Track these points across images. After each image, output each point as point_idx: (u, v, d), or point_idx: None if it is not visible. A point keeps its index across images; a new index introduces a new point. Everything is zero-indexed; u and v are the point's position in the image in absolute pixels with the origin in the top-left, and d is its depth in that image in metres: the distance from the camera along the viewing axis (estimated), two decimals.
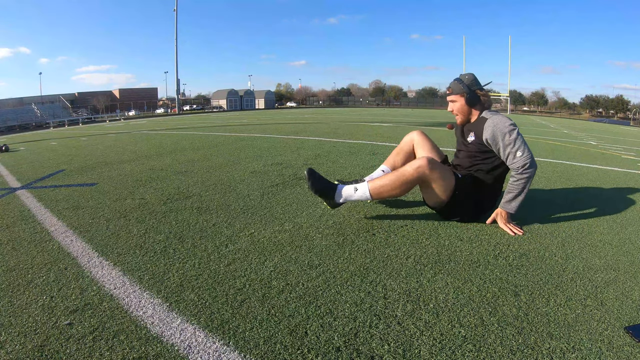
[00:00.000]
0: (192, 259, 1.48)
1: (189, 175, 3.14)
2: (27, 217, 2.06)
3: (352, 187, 1.83)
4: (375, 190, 1.80)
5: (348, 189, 1.83)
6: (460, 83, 1.94)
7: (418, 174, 1.76)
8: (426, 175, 1.76)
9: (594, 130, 14.71)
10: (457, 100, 1.96)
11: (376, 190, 1.80)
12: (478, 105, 1.95)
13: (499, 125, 1.80)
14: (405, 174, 1.77)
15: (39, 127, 27.78)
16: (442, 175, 1.79)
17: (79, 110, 42.89)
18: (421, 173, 1.75)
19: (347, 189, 1.84)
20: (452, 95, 1.98)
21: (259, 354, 0.93)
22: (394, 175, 1.80)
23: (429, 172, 1.75)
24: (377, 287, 1.27)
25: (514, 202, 1.81)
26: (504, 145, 1.79)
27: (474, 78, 1.96)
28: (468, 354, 0.94)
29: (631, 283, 1.32)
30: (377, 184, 1.80)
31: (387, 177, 1.82)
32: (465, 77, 1.95)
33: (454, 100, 1.98)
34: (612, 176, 3.44)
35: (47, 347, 0.95)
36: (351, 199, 1.84)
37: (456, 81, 1.96)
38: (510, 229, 1.80)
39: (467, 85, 1.92)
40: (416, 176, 1.76)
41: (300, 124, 10.78)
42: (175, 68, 47.49)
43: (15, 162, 4.34)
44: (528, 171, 1.75)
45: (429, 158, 1.78)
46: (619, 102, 67.02)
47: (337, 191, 1.83)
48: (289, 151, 4.59)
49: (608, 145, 7.35)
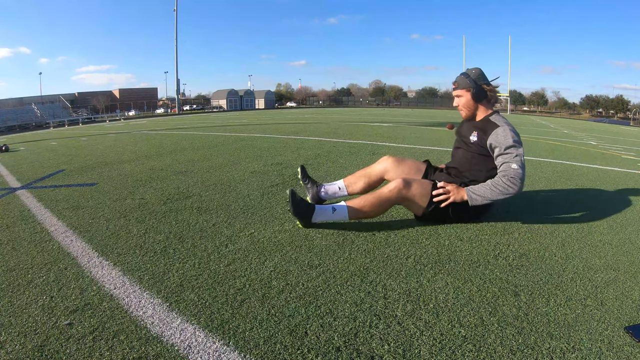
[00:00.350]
0: (192, 259, 1.48)
1: (189, 175, 3.14)
2: (27, 217, 2.06)
3: (330, 208, 1.77)
4: (353, 212, 1.76)
5: (326, 211, 1.77)
6: (466, 77, 1.90)
7: (397, 195, 1.74)
8: (403, 194, 1.75)
9: (594, 130, 14.71)
10: (463, 95, 1.93)
11: (354, 212, 1.76)
12: (484, 101, 1.92)
13: (508, 139, 1.77)
14: (382, 196, 1.74)
15: (39, 127, 27.79)
16: (420, 190, 1.78)
17: (79, 110, 42.91)
18: (399, 194, 1.74)
19: (325, 211, 1.77)
20: (458, 89, 1.94)
21: (259, 354, 0.93)
22: (372, 197, 1.76)
23: (406, 192, 1.75)
24: (377, 287, 1.27)
25: (479, 197, 1.76)
26: (505, 154, 1.77)
27: (480, 72, 1.92)
28: (468, 354, 0.94)
29: (631, 283, 1.32)
30: (355, 206, 1.75)
31: (366, 198, 1.78)
32: (472, 72, 1.92)
33: (459, 95, 1.95)
34: (612, 176, 3.44)
35: (47, 347, 0.95)
36: (328, 220, 1.80)
37: (462, 75, 1.93)
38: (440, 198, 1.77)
39: (474, 80, 1.89)
40: (394, 197, 1.75)
41: (300, 124, 10.78)
42: (175, 68, 47.57)
43: (15, 162, 4.34)
44: (513, 186, 1.71)
45: (404, 179, 1.77)
46: (619, 102, 67.04)
47: (315, 212, 1.76)
48: (289, 151, 4.59)
49: (608, 145, 7.35)
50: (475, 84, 1.88)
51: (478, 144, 1.88)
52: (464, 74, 1.92)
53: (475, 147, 1.89)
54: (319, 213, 1.76)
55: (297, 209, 1.73)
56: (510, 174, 1.72)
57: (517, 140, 1.78)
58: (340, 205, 1.77)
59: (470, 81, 1.89)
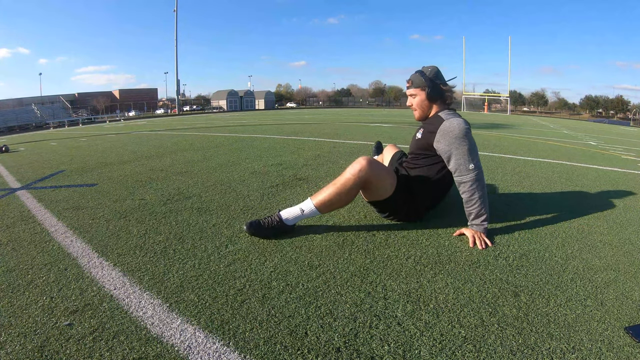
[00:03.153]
0: (192, 260, 1.48)
1: (189, 175, 3.14)
2: (27, 217, 2.06)
3: (298, 208, 1.68)
4: (321, 204, 1.66)
5: (293, 212, 1.68)
6: (422, 75, 1.79)
7: (359, 178, 1.61)
8: (367, 177, 1.62)
9: (593, 130, 14.71)
10: (418, 94, 1.82)
11: (321, 204, 1.65)
12: (439, 101, 1.81)
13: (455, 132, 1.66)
14: (346, 182, 1.62)
15: (39, 127, 27.79)
16: (384, 175, 1.68)
17: (79, 111, 42.93)
18: (362, 176, 1.61)
19: (293, 213, 1.68)
20: (412, 88, 1.83)
21: (259, 354, 0.93)
22: (334, 186, 1.64)
23: (370, 174, 1.62)
24: (377, 287, 1.27)
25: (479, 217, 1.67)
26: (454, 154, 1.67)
27: (437, 71, 1.80)
28: (468, 354, 0.94)
29: (631, 283, 1.32)
30: (320, 198, 1.65)
31: (329, 188, 1.65)
32: (427, 70, 1.81)
33: (413, 93, 1.83)
34: (612, 176, 3.44)
35: (47, 348, 0.95)
36: (301, 218, 1.70)
37: (418, 73, 1.81)
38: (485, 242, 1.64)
39: (430, 79, 1.77)
40: (358, 181, 1.62)
41: (300, 124, 10.78)
42: (175, 68, 47.65)
43: (15, 163, 4.34)
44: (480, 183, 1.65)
45: (369, 159, 1.64)
46: (619, 103, 67.06)
47: (285, 222, 1.68)
48: (289, 152, 4.59)
49: (608, 146, 7.35)
50: (431, 83, 1.77)
51: (423, 141, 1.79)
52: (419, 72, 1.82)
53: (420, 143, 1.82)
54: (288, 218, 1.68)
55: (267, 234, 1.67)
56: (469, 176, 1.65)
57: (465, 130, 1.66)
58: (307, 203, 1.68)
59: (425, 79, 1.77)
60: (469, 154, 1.66)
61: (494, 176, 3.18)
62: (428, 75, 1.79)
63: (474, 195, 1.66)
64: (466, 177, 1.66)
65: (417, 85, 1.81)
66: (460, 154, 1.66)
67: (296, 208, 1.69)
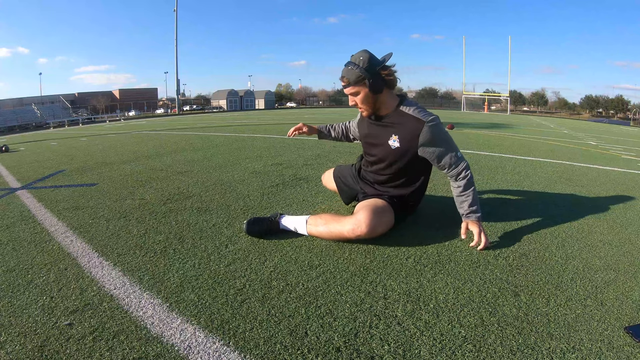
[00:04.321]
0: (192, 259, 1.48)
1: (189, 175, 3.14)
2: (27, 217, 2.06)
3: (293, 226, 1.70)
4: (312, 233, 1.66)
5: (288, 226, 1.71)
6: (356, 68, 1.55)
7: (356, 237, 1.56)
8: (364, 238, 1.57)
9: (593, 130, 14.71)
10: (359, 90, 1.59)
11: (313, 233, 1.65)
12: (385, 90, 1.60)
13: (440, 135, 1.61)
14: (340, 234, 1.58)
15: (39, 127, 27.81)
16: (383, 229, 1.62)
17: (79, 111, 42.96)
18: (359, 237, 1.56)
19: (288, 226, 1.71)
20: (350, 86, 1.59)
21: (259, 354, 0.93)
22: (328, 231, 1.60)
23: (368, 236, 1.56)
24: (377, 287, 1.27)
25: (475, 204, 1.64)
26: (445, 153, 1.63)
27: (369, 56, 1.55)
28: (468, 354, 0.94)
29: (631, 283, 1.32)
30: (314, 231, 1.64)
31: (323, 228, 1.61)
32: (359, 59, 1.55)
33: (353, 92, 1.60)
34: (612, 176, 3.44)
35: (47, 348, 0.95)
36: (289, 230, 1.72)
37: (351, 67, 1.56)
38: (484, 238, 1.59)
39: (365, 69, 1.53)
40: (353, 238, 1.57)
41: None
42: (175, 68, 47.65)
43: (16, 163, 4.34)
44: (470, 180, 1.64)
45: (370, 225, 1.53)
46: (619, 102, 67.04)
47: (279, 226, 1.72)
48: (289, 151, 4.59)
49: (608, 145, 7.35)
50: (369, 73, 1.54)
51: (403, 150, 1.66)
52: (351, 65, 1.56)
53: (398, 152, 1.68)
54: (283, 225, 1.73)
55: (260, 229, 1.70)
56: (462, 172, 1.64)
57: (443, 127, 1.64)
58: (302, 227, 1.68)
59: (361, 71, 1.54)
60: (453, 146, 1.66)
61: (494, 176, 3.18)
62: (362, 65, 1.54)
63: (471, 180, 1.65)
64: (460, 167, 1.65)
65: (354, 81, 1.57)
66: (449, 149, 1.64)
67: (292, 224, 1.71)
